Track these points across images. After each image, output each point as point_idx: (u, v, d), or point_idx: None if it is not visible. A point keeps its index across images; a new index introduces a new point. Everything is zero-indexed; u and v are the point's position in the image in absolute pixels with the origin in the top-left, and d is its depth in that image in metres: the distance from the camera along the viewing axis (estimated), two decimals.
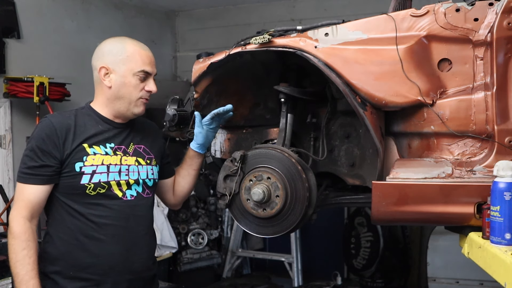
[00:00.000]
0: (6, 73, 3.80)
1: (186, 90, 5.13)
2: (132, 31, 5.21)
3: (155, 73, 1.92)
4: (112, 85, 1.85)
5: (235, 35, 2.66)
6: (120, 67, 1.85)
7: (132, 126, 1.96)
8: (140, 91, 1.87)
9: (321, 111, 2.24)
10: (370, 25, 1.90)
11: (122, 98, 1.86)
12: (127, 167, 1.88)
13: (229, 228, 5.04)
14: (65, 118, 1.84)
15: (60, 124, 1.80)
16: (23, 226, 1.76)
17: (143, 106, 1.91)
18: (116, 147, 1.88)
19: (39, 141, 1.78)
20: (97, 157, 1.82)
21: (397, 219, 1.94)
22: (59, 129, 1.79)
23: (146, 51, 1.91)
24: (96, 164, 1.81)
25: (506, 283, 1.37)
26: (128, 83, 1.85)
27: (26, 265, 1.74)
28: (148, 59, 1.89)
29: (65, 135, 1.79)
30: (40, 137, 1.78)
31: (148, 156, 1.97)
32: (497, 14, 1.77)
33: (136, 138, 1.96)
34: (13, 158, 3.93)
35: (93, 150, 1.82)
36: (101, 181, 1.81)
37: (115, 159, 1.86)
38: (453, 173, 1.80)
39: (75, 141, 1.80)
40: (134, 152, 1.93)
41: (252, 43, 1.97)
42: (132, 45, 1.90)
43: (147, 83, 1.88)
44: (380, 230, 4.43)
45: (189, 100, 2.36)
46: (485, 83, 1.81)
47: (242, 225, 2.05)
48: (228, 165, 2.01)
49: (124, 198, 1.86)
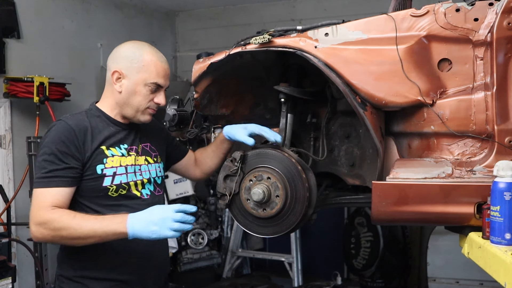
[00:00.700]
0: (6, 73, 3.79)
1: (186, 90, 5.12)
2: (132, 31, 5.21)
3: (167, 86, 1.91)
4: (122, 90, 1.85)
5: (235, 35, 2.66)
6: (134, 75, 1.84)
7: (138, 125, 1.97)
8: (149, 101, 1.87)
9: (321, 111, 2.24)
10: (370, 25, 1.90)
11: (130, 105, 1.86)
12: (139, 167, 1.91)
13: (229, 228, 5.04)
14: (80, 120, 1.83)
15: (77, 126, 1.79)
16: (49, 212, 1.68)
17: (150, 116, 1.91)
18: (129, 148, 1.90)
19: (59, 144, 1.74)
20: (115, 158, 1.84)
21: (397, 219, 1.94)
22: (78, 131, 1.78)
23: (162, 63, 1.88)
24: (115, 166, 1.82)
25: (506, 283, 1.37)
26: (138, 92, 1.84)
27: (88, 219, 1.67)
28: (163, 71, 1.87)
29: (84, 137, 1.78)
30: (60, 140, 1.74)
31: (154, 154, 2.00)
32: (497, 14, 1.77)
33: (142, 137, 1.97)
34: (13, 158, 3.92)
35: (111, 152, 1.84)
36: (122, 182, 1.83)
37: (130, 159, 1.88)
38: (453, 173, 1.80)
39: (94, 144, 1.80)
40: (143, 152, 1.95)
41: (252, 43, 1.97)
42: (150, 54, 1.86)
43: (157, 95, 1.88)
44: (380, 230, 4.43)
45: (189, 100, 2.36)
46: (485, 83, 1.81)
47: (242, 225, 2.05)
48: (228, 165, 2.01)
49: (142, 198, 1.90)
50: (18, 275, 3.41)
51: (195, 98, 2.20)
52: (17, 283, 3.17)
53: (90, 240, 1.67)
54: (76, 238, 1.67)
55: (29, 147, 3.63)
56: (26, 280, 3.86)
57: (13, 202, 3.75)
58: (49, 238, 1.70)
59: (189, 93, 3.92)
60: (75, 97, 4.09)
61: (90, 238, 1.66)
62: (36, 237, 1.71)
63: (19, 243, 3.46)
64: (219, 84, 2.19)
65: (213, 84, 2.16)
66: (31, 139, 3.67)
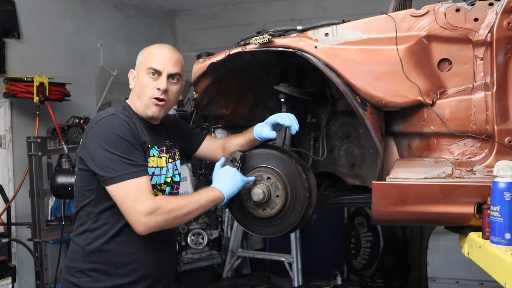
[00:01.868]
0: (6, 73, 3.79)
1: (186, 90, 5.12)
2: (132, 31, 5.21)
3: (173, 72, 1.85)
4: (134, 85, 1.88)
5: (235, 35, 2.66)
6: (139, 69, 1.87)
7: (163, 124, 1.98)
8: (152, 89, 1.83)
9: (321, 111, 2.24)
10: (370, 25, 1.90)
11: (139, 96, 1.85)
12: (166, 167, 1.91)
13: (229, 228, 5.04)
14: (121, 118, 1.79)
15: (127, 123, 1.78)
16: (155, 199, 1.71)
17: (155, 108, 1.84)
18: (160, 149, 1.90)
19: (126, 134, 1.73)
20: (155, 159, 1.85)
21: (397, 219, 1.94)
22: (130, 128, 1.77)
23: (162, 49, 1.87)
24: (154, 166, 1.84)
25: (506, 283, 1.37)
26: (141, 81, 1.85)
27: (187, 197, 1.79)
28: (162, 57, 1.84)
29: (137, 135, 1.79)
30: (122, 133, 1.72)
31: (173, 151, 2.00)
32: (497, 14, 1.77)
33: (165, 136, 1.97)
34: (13, 158, 3.91)
35: (152, 151, 1.84)
36: (157, 183, 1.86)
37: (162, 161, 1.89)
38: (453, 173, 1.80)
39: (140, 142, 1.80)
40: (167, 151, 1.95)
41: (252, 43, 1.97)
42: (152, 47, 1.89)
43: (158, 81, 1.84)
44: (380, 230, 4.43)
45: (189, 100, 2.36)
46: (485, 83, 1.81)
47: (242, 225, 2.05)
48: (228, 165, 2.01)
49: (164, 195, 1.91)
50: (18, 275, 3.41)
51: (195, 98, 2.20)
52: (17, 283, 3.17)
53: (196, 212, 1.78)
54: (187, 214, 1.75)
55: (29, 147, 3.63)
56: (26, 280, 3.86)
57: (13, 202, 3.75)
58: (163, 223, 1.71)
59: (189, 93, 3.92)
60: (75, 97, 4.09)
61: (196, 210, 1.78)
62: (150, 227, 1.69)
63: (19, 243, 3.45)
64: (219, 84, 2.19)
65: (213, 84, 2.16)
66: (31, 139, 3.66)
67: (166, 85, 1.82)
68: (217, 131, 2.38)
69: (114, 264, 1.81)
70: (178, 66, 1.87)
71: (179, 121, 2.13)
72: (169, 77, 1.84)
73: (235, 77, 2.22)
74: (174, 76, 1.85)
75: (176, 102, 1.96)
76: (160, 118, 1.89)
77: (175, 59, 1.86)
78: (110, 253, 1.81)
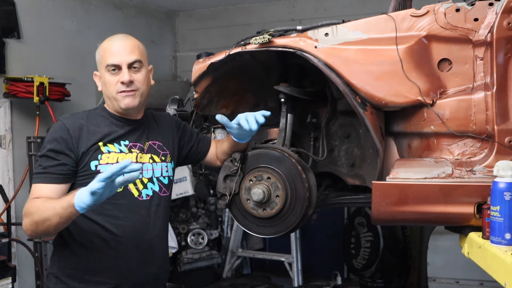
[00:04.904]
0: (6, 73, 3.79)
1: (186, 90, 5.12)
2: (132, 31, 5.19)
3: (131, 61, 1.81)
4: (101, 87, 1.87)
5: (235, 35, 2.66)
6: (100, 69, 1.86)
7: (147, 121, 1.94)
8: (116, 85, 1.81)
9: (321, 111, 2.24)
10: (370, 25, 1.90)
11: (108, 97, 1.86)
12: (141, 165, 1.85)
13: (229, 228, 5.04)
14: (77, 118, 1.84)
15: (72, 125, 1.80)
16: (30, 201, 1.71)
17: (127, 99, 1.81)
18: (131, 145, 1.86)
19: (53, 143, 1.77)
20: (112, 155, 1.80)
21: (397, 219, 1.94)
22: (72, 130, 1.78)
23: (113, 42, 1.85)
24: (111, 163, 1.78)
25: (506, 283, 1.37)
26: (104, 80, 1.83)
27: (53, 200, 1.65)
28: (116, 50, 1.81)
29: (79, 135, 1.78)
30: (54, 139, 1.77)
31: (163, 153, 1.94)
32: (497, 14, 1.77)
33: (150, 134, 1.93)
34: (13, 158, 3.92)
35: (107, 148, 1.81)
36: None
37: (131, 157, 1.83)
38: (453, 173, 1.80)
39: (90, 140, 1.79)
40: (149, 149, 1.90)
41: (252, 43, 1.97)
42: (104, 43, 1.88)
43: (120, 75, 1.80)
44: (380, 230, 4.43)
45: (189, 100, 2.36)
46: (485, 83, 1.81)
47: (242, 225, 2.05)
48: (228, 165, 2.01)
49: (140, 198, 1.84)
50: (18, 275, 3.41)
51: (195, 98, 2.20)
52: (17, 283, 3.17)
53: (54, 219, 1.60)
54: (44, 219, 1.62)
55: (29, 147, 3.63)
56: (26, 280, 3.86)
57: (13, 202, 3.74)
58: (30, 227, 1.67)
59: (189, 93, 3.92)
60: (75, 97, 4.08)
61: (53, 216, 1.60)
62: (24, 230, 1.71)
63: (19, 243, 3.46)
64: (219, 84, 2.19)
65: (213, 84, 2.16)
66: (31, 139, 3.67)
67: (129, 76, 1.79)
68: (217, 131, 2.37)
69: (88, 271, 1.78)
70: (135, 52, 1.83)
71: (186, 128, 2.09)
72: (129, 67, 1.81)
73: (235, 77, 2.22)
74: (134, 63, 1.82)
75: (149, 88, 1.90)
76: (136, 107, 1.84)
77: (130, 47, 1.84)
78: (82, 259, 1.79)
